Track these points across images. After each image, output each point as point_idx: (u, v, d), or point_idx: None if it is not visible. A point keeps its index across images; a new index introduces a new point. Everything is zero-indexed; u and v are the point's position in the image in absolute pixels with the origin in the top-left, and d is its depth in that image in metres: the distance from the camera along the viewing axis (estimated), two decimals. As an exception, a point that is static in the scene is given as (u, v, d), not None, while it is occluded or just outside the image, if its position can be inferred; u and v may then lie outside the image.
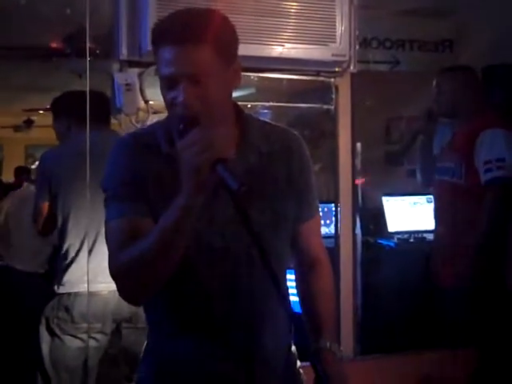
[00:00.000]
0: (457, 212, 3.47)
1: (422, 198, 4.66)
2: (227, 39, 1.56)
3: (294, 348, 1.77)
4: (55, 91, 8.33)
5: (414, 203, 4.64)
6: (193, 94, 1.49)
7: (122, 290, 1.56)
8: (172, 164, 1.50)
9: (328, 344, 1.62)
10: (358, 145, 3.13)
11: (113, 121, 3.06)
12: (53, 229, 3.11)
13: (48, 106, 9.37)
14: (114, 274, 1.54)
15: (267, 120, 1.79)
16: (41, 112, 9.98)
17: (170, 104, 1.54)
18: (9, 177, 10.51)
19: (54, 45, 5.95)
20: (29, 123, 10.88)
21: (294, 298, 1.69)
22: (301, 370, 1.78)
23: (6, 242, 4.63)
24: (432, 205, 4.62)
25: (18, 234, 4.55)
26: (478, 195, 3.34)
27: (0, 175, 12.36)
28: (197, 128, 1.43)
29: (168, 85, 1.52)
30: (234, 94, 1.63)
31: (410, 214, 4.59)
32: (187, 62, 1.49)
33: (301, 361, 1.77)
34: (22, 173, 9.09)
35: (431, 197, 4.66)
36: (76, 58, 5.50)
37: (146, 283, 1.53)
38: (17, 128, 11.47)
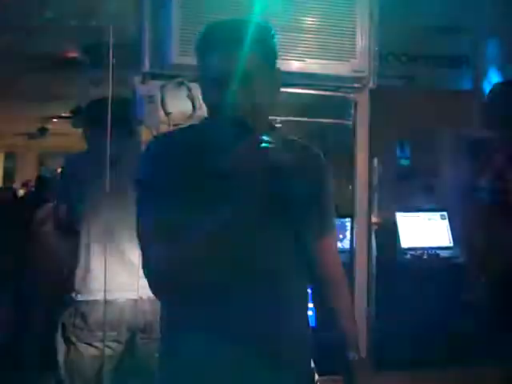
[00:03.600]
0: (489, 232, 3.45)
1: (436, 215, 4.66)
2: (272, 48, 1.64)
3: (313, 364, 1.77)
4: (70, 100, 8.44)
5: (428, 219, 4.63)
6: (243, 97, 1.54)
7: (154, 287, 1.59)
8: (206, 165, 1.56)
9: (355, 356, 1.66)
10: (375, 160, 3.13)
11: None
12: (68, 232, 3.12)
13: (63, 114, 9.44)
14: (151, 273, 1.57)
15: (291, 136, 1.81)
16: (55, 120, 10.04)
17: (217, 106, 1.57)
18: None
19: (70, 54, 6.00)
20: (43, 131, 10.93)
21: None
22: None
23: None
24: (446, 221, 4.63)
25: None
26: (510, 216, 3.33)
27: (12, 183, 12.45)
28: (250, 133, 1.47)
29: (217, 87, 1.55)
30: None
31: (423, 231, 4.58)
32: (239, 64, 1.54)
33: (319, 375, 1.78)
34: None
35: (445, 213, 4.68)
36: (92, 68, 5.56)
37: (186, 281, 1.55)
38: (30, 136, 11.52)
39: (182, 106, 2.86)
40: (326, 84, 2.95)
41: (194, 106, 2.83)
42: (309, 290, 1.81)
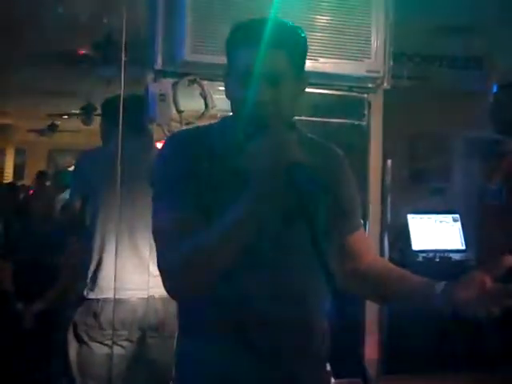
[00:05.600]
0: (496, 235, 3.45)
1: (448, 217, 4.63)
2: (301, 49, 1.62)
3: (329, 367, 1.76)
4: (81, 97, 8.45)
5: (440, 222, 4.60)
6: (269, 95, 1.53)
7: (172, 285, 1.56)
8: (226, 163, 1.56)
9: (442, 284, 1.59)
10: (389, 162, 3.10)
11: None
12: (80, 228, 3.12)
13: (73, 111, 9.45)
14: (167, 269, 1.54)
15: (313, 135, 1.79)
16: (65, 117, 10.04)
17: (241, 102, 1.56)
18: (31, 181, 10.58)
19: (81, 51, 6.00)
20: (53, 128, 10.94)
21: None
22: None
23: None
24: (458, 224, 4.60)
25: None
26: None
27: (22, 179, 12.47)
28: (271, 131, 1.45)
29: (243, 84, 1.55)
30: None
31: (435, 233, 4.55)
32: (268, 62, 1.54)
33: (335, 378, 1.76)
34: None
35: (457, 215, 4.64)
36: (103, 65, 5.55)
37: (202, 281, 1.52)
38: (41, 132, 11.54)
39: (194, 104, 2.84)
40: (339, 84, 2.92)
41: (206, 104, 2.81)
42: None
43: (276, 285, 1.60)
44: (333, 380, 1.79)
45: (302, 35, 1.63)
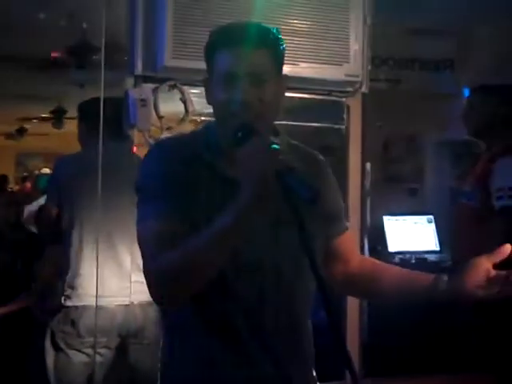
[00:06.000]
0: (471, 235, 3.50)
1: (423, 218, 4.68)
2: (281, 50, 1.62)
3: (314, 374, 1.76)
4: (53, 101, 8.36)
5: (415, 223, 4.64)
6: (253, 95, 1.53)
7: (158, 292, 1.54)
8: (211, 170, 1.56)
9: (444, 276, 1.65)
10: (368, 164, 3.12)
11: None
12: (55, 234, 3.09)
13: (43, 115, 9.35)
14: (154, 275, 1.52)
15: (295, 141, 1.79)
16: (35, 121, 9.94)
17: (225, 104, 1.55)
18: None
19: (54, 55, 5.95)
20: (21, 131, 10.83)
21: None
22: None
23: None
24: (433, 225, 4.65)
25: None
26: (490, 220, 3.36)
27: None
28: (259, 135, 1.45)
29: (227, 85, 1.55)
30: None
31: (410, 234, 4.59)
32: (251, 62, 1.55)
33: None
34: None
35: (432, 217, 4.69)
36: (77, 69, 5.51)
37: (189, 287, 1.51)
38: (8, 136, 11.41)
39: (174, 109, 2.84)
40: (318, 88, 2.94)
41: (186, 109, 2.80)
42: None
43: (265, 288, 1.60)
44: (318, 384, 1.79)
45: (280, 36, 1.64)
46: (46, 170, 7.12)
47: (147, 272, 1.53)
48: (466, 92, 4.99)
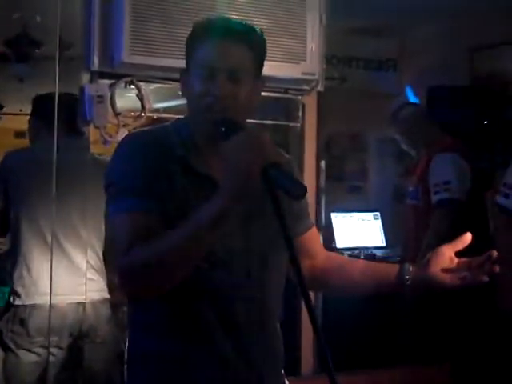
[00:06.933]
0: (416, 233, 3.63)
1: (369, 215, 4.74)
2: (262, 49, 1.63)
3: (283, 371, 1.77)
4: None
5: (362, 220, 4.71)
6: (229, 90, 1.53)
7: (131, 286, 1.52)
8: (184, 165, 1.56)
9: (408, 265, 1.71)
10: (323, 162, 3.15)
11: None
12: (3, 232, 3.04)
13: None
14: (128, 270, 1.49)
15: None
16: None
17: (201, 96, 1.54)
18: None
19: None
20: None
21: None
22: None
23: None
24: (379, 221, 4.73)
25: None
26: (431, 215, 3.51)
27: None
28: (245, 130, 1.44)
29: (204, 77, 1.54)
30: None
31: (357, 231, 4.65)
32: (231, 57, 1.54)
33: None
34: None
35: (378, 213, 4.77)
36: (16, 63, 5.36)
37: (163, 282, 1.49)
38: None
39: (131, 105, 2.80)
40: (275, 86, 2.94)
41: (143, 106, 2.77)
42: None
43: (237, 286, 1.59)
44: (287, 382, 1.80)
45: (264, 38, 1.64)
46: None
47: (120, 267, 1.50)
48: (409, 91, 5.12)
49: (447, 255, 1.65)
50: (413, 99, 4.98)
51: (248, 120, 1.60)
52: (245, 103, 1.56)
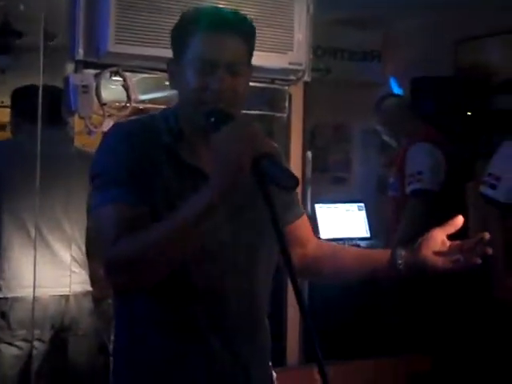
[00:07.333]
0: (398, 224, 3.64)
1: (354, 206, 4.75)
2: (254, 40, 1.61)
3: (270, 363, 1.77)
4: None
5: (346, 210, 4.71)
6: (229, 83, 1.51)
7: (117, 278, 1.50)
8: (172, 156, 1.54)
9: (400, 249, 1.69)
10: (309, 153, 3.14)
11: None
12: None
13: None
14: (113, 262, 1.47)
15: None
16: None
17: (198, 90, 1.52)
18: None
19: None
20: None
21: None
22: None
23: None
24: (363, 212, 4.74)
25: None
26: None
27: None
28: (235, 121, 1.42)
29: (201, 70, 1.51)
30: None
31: (342, 222, 4.66)
32: (229, 50, 1.52)
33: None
34: None
35: (362, 204, 4.78)
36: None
37: (150, 274, 1.47)
38: None
39: (116, 95, 2.78)
40: (262, 76, 2.92)
41: (128, 96, 2.74)
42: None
43: (225, 280, 1.58)
44: (274, 374, 1.79)
45: (254, 26, 1.62)
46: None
47: (106, 259, 1.48)
48: (393, 82, 5.13)
49: (439, 238, 1.64)
50: (397, 90, 5.00)
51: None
52: (241, 96, 1.56)
